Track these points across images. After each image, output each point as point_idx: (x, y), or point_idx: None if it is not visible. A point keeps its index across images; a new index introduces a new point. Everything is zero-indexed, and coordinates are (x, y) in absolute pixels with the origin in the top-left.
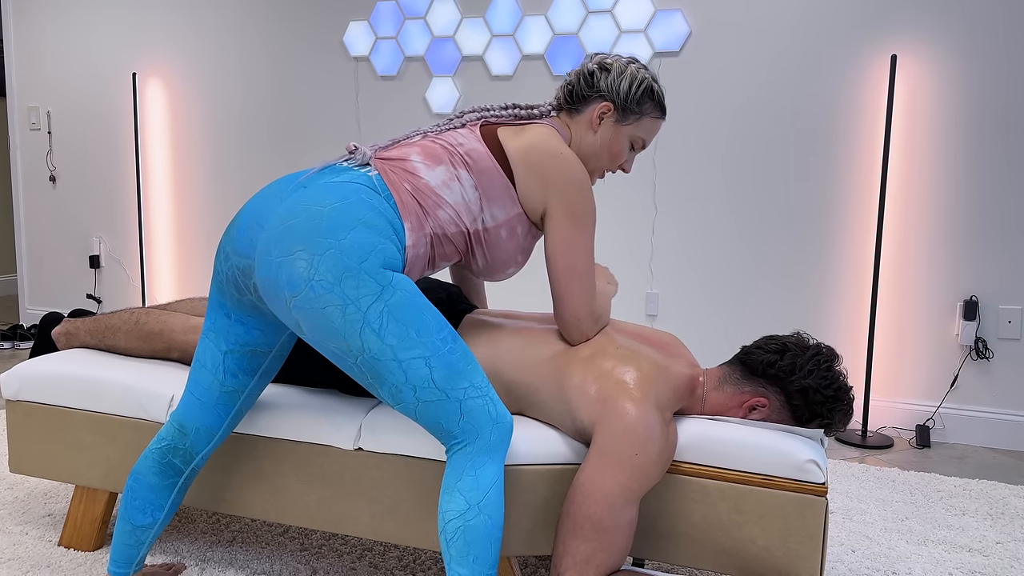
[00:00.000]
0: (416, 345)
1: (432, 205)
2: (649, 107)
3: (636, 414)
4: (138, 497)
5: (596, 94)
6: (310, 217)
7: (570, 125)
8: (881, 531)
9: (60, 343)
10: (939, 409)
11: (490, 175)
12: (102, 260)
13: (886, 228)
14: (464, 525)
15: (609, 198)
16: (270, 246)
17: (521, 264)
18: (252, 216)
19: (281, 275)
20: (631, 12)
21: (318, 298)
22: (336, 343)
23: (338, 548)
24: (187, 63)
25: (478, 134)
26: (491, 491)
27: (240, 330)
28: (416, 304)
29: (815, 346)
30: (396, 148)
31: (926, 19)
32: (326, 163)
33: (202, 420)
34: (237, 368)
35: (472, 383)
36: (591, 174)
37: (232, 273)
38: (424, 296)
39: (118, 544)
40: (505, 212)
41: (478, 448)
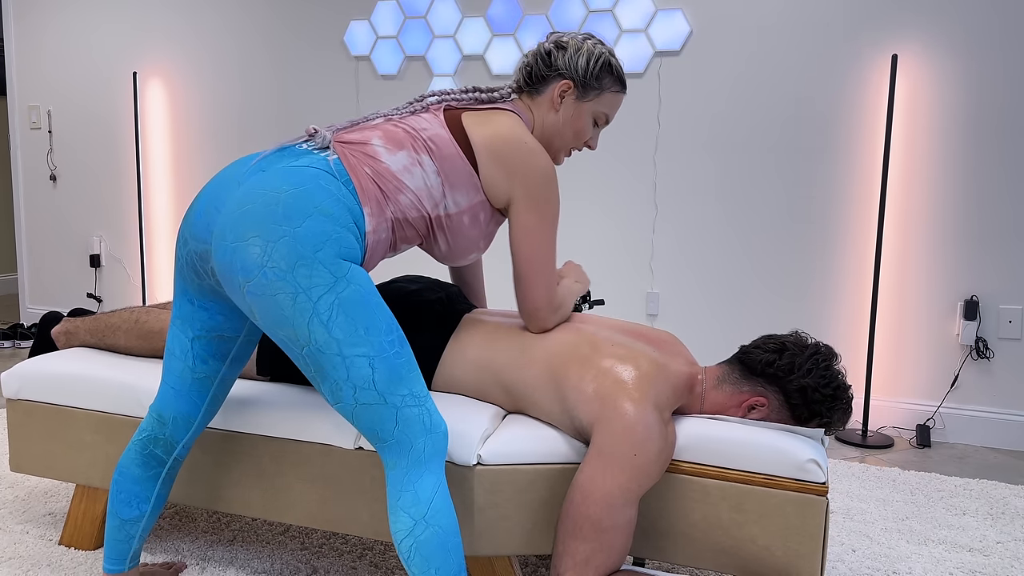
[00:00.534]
0: (362, 343)
1: (393, 189)
2: (608, 81)
3: (635, 414)
4: (123, 490)
5: (555, 73)
6: (266, 203)
7: (531, 107)
8: (881, 531)
9: (60, 342)
10: (939, 409)
11: (453, 162)
12: (102, 259)
13: (887, 227)
14: (415, 542)
15: (609, 198)
16: (225, 231)
17: (483, 249)
18: (209, 200)
19: (235, 260)
20: (632, 11)
21: (270, 284)
22: (285, 331)
23: (338, 547)
24: (188, 62)
25: (442, 119)
26: (434, 501)
27: (204, 316)
28: (368, 302)
29: (813, 345)
30: (356, 131)
31: (927, 19)
32: (283, 144)
33: (178, 408)
34: (206, 354)
35: (411, 391)
36: (556, 153)
37: (190, 258)
38: (379, 295)
39: (109, 540)
40: (468, 199)
41: (411, 462)
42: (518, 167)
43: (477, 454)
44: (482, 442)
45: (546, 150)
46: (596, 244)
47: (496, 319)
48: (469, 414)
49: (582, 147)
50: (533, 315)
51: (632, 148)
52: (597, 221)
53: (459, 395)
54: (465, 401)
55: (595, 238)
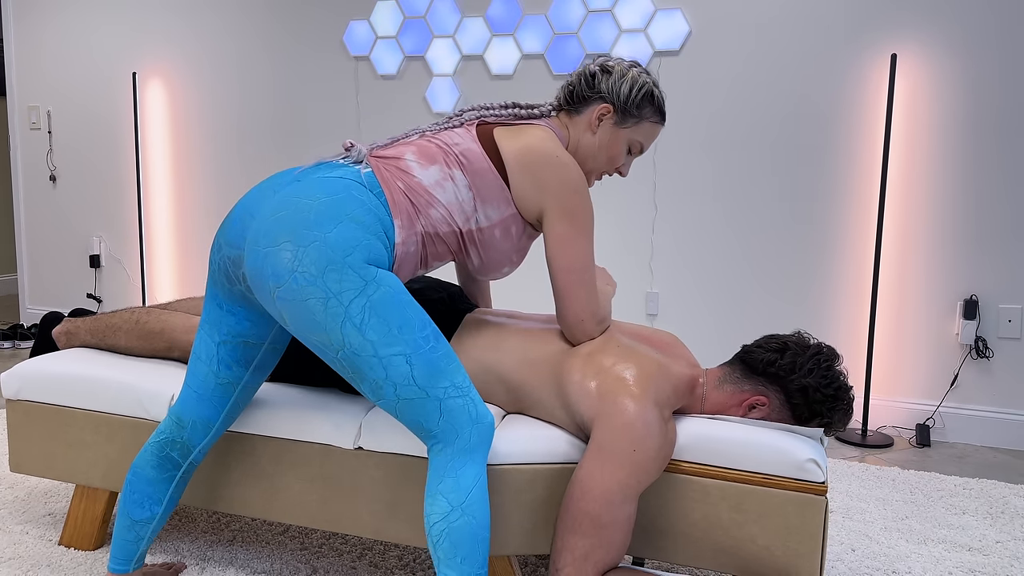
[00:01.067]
0: (397, 342)
1: (424, 204)
2: (649, 111)
3: (635, 410)
4: (136, 491)
5: (596, 95)
6: (299, 210)
7: (569, 126)
8: (881, 530)
9: (60, 342)
10: (939, 408)
11: (484, 176)
12: (102, 259)
13: (886, 227)
14: (448, 527)
15: (609, 198)
16: (259, 236)
17: (517, 263)
18: (245, 208)
19: (267, 265)
20: (631, 11)
21: (301, 290)
22: (318, 336)
23: (338, 547)
24: (187, 63)
25: (474, 134)
26: (473, 491)
27: (232, 320)
28: (399, 301)
29: (815, 345)
30: (393, 147)
31: (926, 19)
32: (322, 159)
33: (199, 412)
34: (231, 359)
35: (453, 383)
36: (588, 175)
37: (224, 263)
38: (409, 294)
39: (118, 540)
40: (499, 213)
41: (457, 449)
42: (549, 179)
43: None
44: None
45: None
46: (596, 244)
47: (499, 319)
48: None
49: (613, 172)
50: (577, 326)
51: None
52: (597, 221)
53: None
54: None
55: (595, 238)
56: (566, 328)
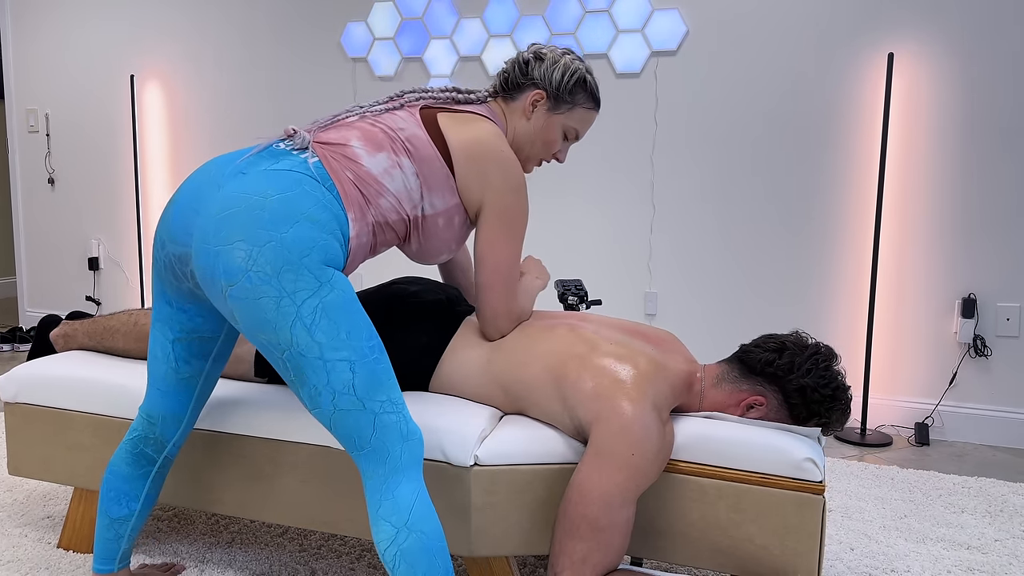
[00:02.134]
0: (344, 347)
1: (374, 193)
2: (582, 97)
3: (632, 413)
4: (113, 488)
5: (529, 82)
6: (250, 208)
7: (506, 112)
8: (880, 529)
9: (58, 345)
10: (938, 407)
11: (431, 164)
12: (101, 262)
13: (884, 226)
14: (399, 550)
15: (607, 198)
16: (207, 234)
17: (455, 251)
18: (186, 202)
19: (218, 264)
20: (628, 11)
21: (254, 288)
22: (266, 335)
23: (337, 549)
24: (185, 65)
25: (418, 119)
26: (414, 507)
27: (183, 317)
28: (351, 308)
29: (813, 345)
30: (334, 129)
31: (923, 17)
32: (262, 144)
33: (166, 408)
34: (188, 355)
35: (390, 398)
36: (526, 162)
37: (168, 260)
38: (359, 302)
39: (99, 540)
40: (444, 202)
41: (389, 469)
42: (493, 175)
43: (474, 455)
44: (479, 443)
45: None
46: (594, 244)
47: None
48: (466, 415)
49: (551, 159)
50: (491, 322)
51: (629, 148)
52: (595, 221)
53: (457, 396)
54: (462, 402)
55: (593, 238)
56: (482, 321)
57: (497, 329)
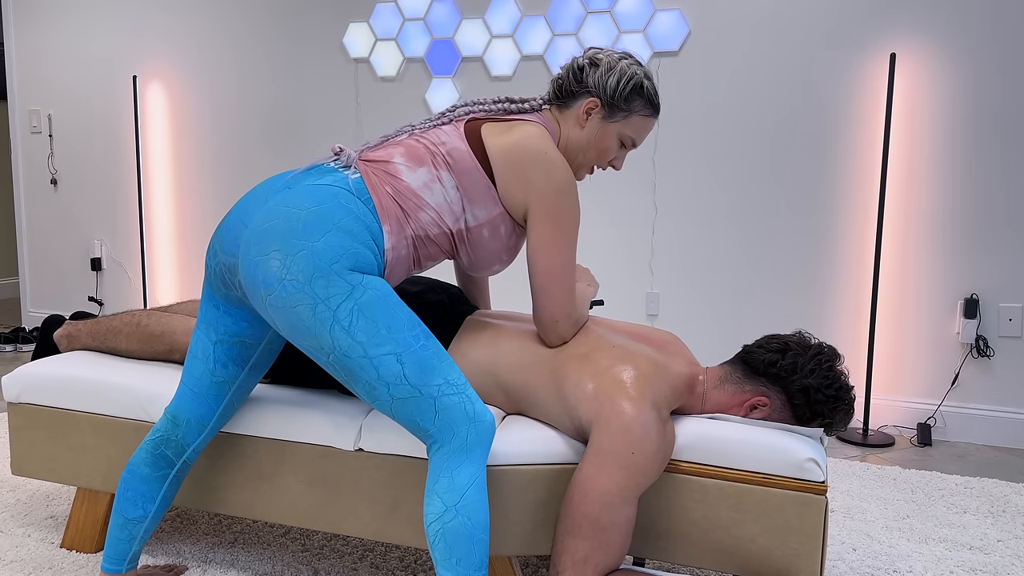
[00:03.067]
0: (387, 341)
1: (413, 208)
2: (638, 104)
3: (633, 413)
4: (131, 488)
5: (584, 89)
6: (287, 219)
7: (559, 120)
8: (882, 529)
9: (62, 345)
10: (940, 407)
11: (471, 175)
12: (104, 263)
13: (886, 226)
14: (443, 528)
15: (608, 198)
16: (250, 245)
17: (507, 262)
18: (239, 215)
19: (258, 274)
20: (630, 12)
21: (289, 296)
22: (308, 341)
23: (339, 549)
24: (187, 66)
25: (461, 132)
26: (468, 491)
27: (228, 321)
28: (387, 302)
29: (817, 345)
30: (382, 148)
31: (925, 18)
32: (313, 163)
33: (193, 411)
34: (227, 358)
35: (447, 380)
36: (579, 169)
37: (219, 269)
38: (396, 296)
39: (111, 539)
40: (487, 212)
41: (454, 448)
42: (535, 178)
43: None
44: None
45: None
46: (596, 245)
47: (498, 321)
48: None
49: (606, 167)
50: (551, 327)
51: None
52: (597, 222)
53: None
54: None
55: (595, 239)
56: (540, 328)
57: (558, 335)
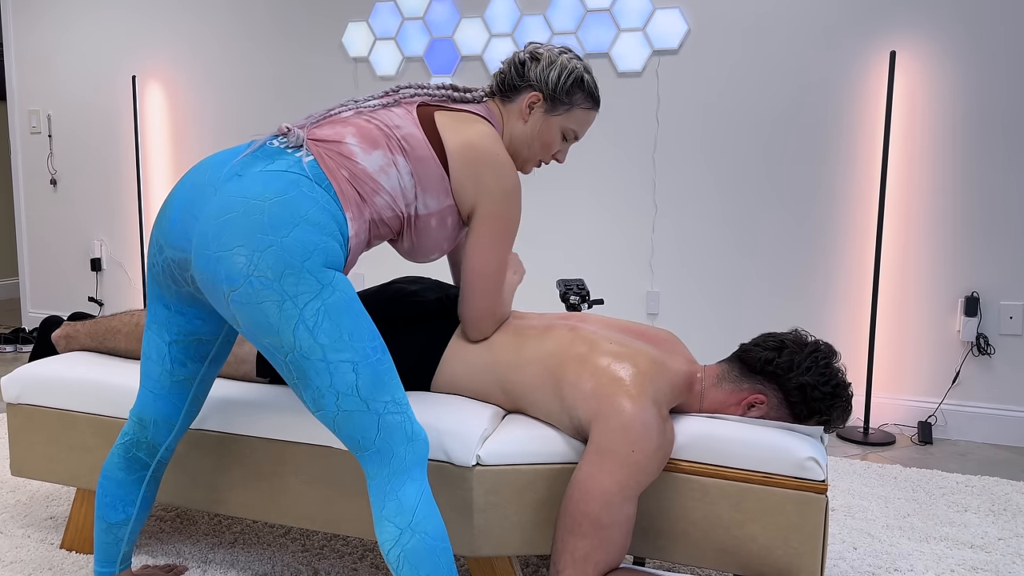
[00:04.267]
0: (347, 348)
1: (370, 192)
2: (580, 98)
3: (632, 411)
4: (108, 494)
5: (526, 84)
6: (248, 212)
7: (503, 113)
8: (883, 528)
9: (60, 346)
10: (941, 405)
11: (426, 164)
12: (103, 263)
13: (886, 224)
14: (403, 551)
15: (609, 196)
16: (207, 240)
17: (446, 251)
18: (183, 207)
19: (220, 270)
20: (629, 10)
21: (256, 293)
22: (269, 338)
23: (339, 549)
24: (186, 65)
25: (415, 117)
26: (418, 509)
27: (181, 320)
28: (353, 309)
29: (813, 343)
30: (328, 126)
31: (925, 15)
32: (257, 143)
33: (158, 411)
34: (184, 357)
35: (394, 398)
36: (524, 164)
37: (167, 265)
38: (361, 303)
39: (98, 544)
40: (438, 202)
41: (393, 470)
42: (487, 180)
43: (476, 454)
44: (481, 442)
45: (512, 159)
46: (596, 243)
47: None
48: (468, 415)
49: (550, 160)
50: (475, 324)
51: (631, 147)
52: (596, 220)
53: (458, 396)
54: (464, 402)
55: (595, 237)
56: (464, 323)
57: (479, 331)
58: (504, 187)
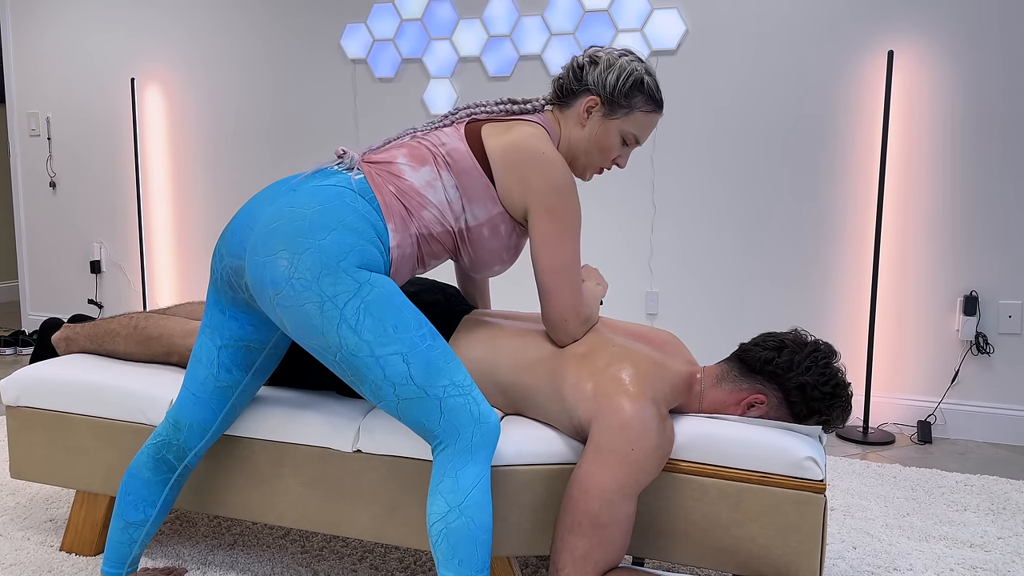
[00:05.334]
0: (393, 341)
1: (416, 206)
2: (639, 101)
3: (632, 410)
4: (132, 492)
5: (583, 88)
6: (293, 219)
7: (560, 120)
8: (882, 527)
9: (60, 348)
10: (940, 405)
11: (470, 175)
12: (103, 265)
13: (885, 224)
14: (446, 528)
15: (607, 197)
16: (257, 247)
17: (508, 262)
18: (244, 218)
19: (265, 274)
20: (628, 11)
21: (297, 295)
22: (316, 340)
23: (339, 550)
24: (185, 68)
25: (462, 133)
26: (472, 492)
27: (234, 325)
28: (394, 301)
29: (813, 343)
30: (385, 151)
31: (922, 15)
32: (318, 166)
33: (196, 415)
34: (231, 363)
35: (453, 381)
36: (583, 170)
37: (226, 272)
38: (404, 295)
39: (111, 543)
40: (486, 211)
41: (459, 449)
42: (532, 177)
43: None
44: None
45: (571, 165)
46: (595, 244)
47: (496, 320)
48: None
49: (611, 166)
50: (560, 326)
51: None
52: (596, 221)
53: None
54: None
55: (594, 238)
56: (550, 327)
57: (568, 334)
58: (551, 181)
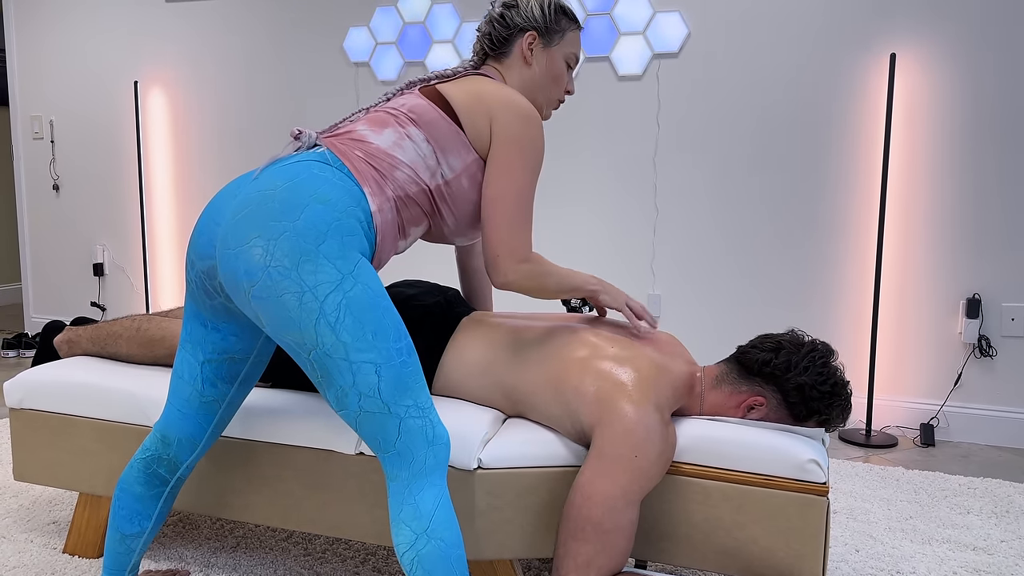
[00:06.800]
0: (370, 348)
1: (388, 167)
2: (565, 22)
3: (635, 416)
4: (125, 507)
5: (516, 30)
6: (262, 203)
7: (502, 71)
8: (885, 530)
9: (62, 351)
10: (943, 407)
11: (437, 125)
12: (106, 268)
13: (888, 226)
14: (417, 556)
15: (610, 200)
16: (228, 239)
17: None
18: (209, 217)
19: (239, 265)
20: (630, 13)
21: (275, 284)
22: (292, 335)
23: (341, 553)
24: (188, 71)
25: (417, 93)
26: (435, 514)
27: (216, 337)
28: (377, 304)
29: (810, 343)
30: (341, 126)
31: (925, 18)
32: (275, 157)
33: (184, 430)
34: (215, 377)
35: (416, 402)
36: (542, 108)
37: (199, 278)
38: (388, 298)
39: (109, 553)
40: (461, 160)
41: (412, 473)
42: (497, 111)
43: (478, 458)
44: (482, 446)
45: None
46: (597, 246)
47: (496, 320)
48: (469, 418)
49: (564, 96)
50: (491, 262)
51: (632, 150)
52: (598, 223)
53: (459, 399)
54: (465, 405)
55: (596, 240)
56: (485, 264)
57: (499, 271)
58: (515, 110)
